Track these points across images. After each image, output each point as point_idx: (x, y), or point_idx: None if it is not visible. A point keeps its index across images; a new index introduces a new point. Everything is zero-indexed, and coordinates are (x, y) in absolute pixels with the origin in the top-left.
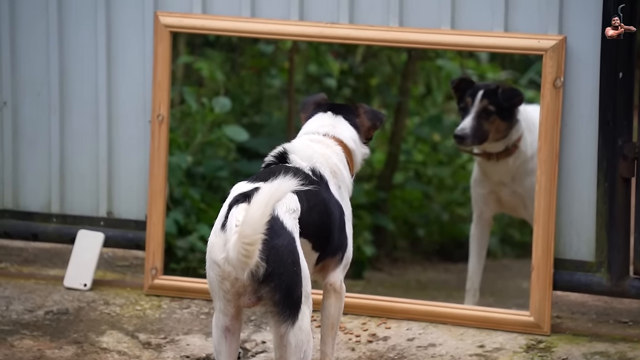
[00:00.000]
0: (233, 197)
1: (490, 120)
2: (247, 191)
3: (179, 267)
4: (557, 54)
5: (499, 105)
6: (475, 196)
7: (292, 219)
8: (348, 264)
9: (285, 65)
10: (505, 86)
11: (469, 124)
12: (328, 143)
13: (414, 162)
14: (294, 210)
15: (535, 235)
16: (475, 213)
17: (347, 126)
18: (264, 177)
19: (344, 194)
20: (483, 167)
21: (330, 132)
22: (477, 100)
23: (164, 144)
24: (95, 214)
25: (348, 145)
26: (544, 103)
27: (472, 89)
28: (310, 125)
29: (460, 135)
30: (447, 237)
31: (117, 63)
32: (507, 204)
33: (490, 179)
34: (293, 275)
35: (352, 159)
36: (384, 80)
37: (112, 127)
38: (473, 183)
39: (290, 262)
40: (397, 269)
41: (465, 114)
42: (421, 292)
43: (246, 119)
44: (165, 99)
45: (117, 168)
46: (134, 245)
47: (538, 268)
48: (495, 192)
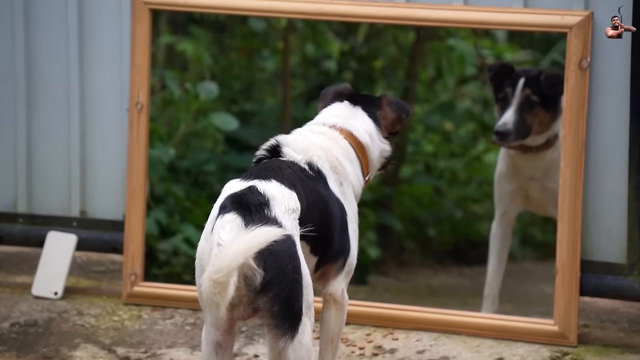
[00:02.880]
0: (223, 199)
1: (533, 112)
2: (238, 193)
3: (161, 272)
4: (583, 31)
5: (542, 94)
6: (500, 192)
7: (291, 220)
8: (351, 270)
9: (279, 46)
10: (548, 72)
11: (511, 118)
12: (331, 135)
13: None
14: (294, 210)
15: (560, 234)
16: (498, 211)
17: (364, 118)
18: (258, 173)
19: (346, 192)
20: (515, 161)
21: (340, 124)
22: (519, 90)
23: (144, 135)
24: (67, 213)
25: (360, 138)
26: (568, 87)
27: (512, 77)
28: (320, 116)
29: (502, 131)
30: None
31: (91, 45)
32: (535, 201)
33: (521, 173)
34: (293, 284)
35: (366, 154)
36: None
37: (85, 117)
38: (498, 177)
39: (291, 269)
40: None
41: (505, 106)
42: (432, 298)
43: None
44: (144, 85)
45: (91, 162)
46: (110, 248)
47: (563, 271)
48: (524, 188)
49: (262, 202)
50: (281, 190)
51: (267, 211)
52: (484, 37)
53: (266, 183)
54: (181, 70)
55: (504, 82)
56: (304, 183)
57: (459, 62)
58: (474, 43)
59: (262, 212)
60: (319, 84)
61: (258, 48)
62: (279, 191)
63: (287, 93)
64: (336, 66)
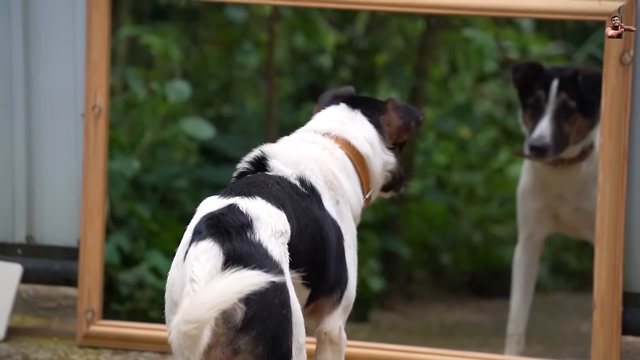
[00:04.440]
0: (198, 220)
1: (571, 120)
2: (215, 213)
3: (123, 308)
4: (625, 19)
5: (580, 97)
6: (524, 211)
7: (279, 245)
8: (349, 305)
9: (262, 38)
10: (585, 70)
11: (548, 130)
12: (325, 144)
13: (435, 166)
14: (282, 233)
15: (598, 261)
16: (522, 234)
17: (364, 124)
18: (240, 189)
19: (343, 212)
20: (542, 175)
21: (335, 131)
22: (553, 95)
23: (102, 145)
24: (11, 239)
25: (359, 148)
26: (607, 85)
27: (542, 78)
28: (312, 122)
29: (539, 146)
30: (480, 266)
31: (38, 38)
32: (567, 222)
33: (549, 190)
34: (281, 321)
35: (367, 167)
36: (394, 57)
37: (31, 124)
38: (522, 194)
39: (278, 304)
40: (414, 308)
41: (538, 113)
42: (446, 338)
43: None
44: (103, 85)
45: (40, 178)
46: (62, 280)
47: (602, 305)
48: (553, 207)
49: (244, 223)
50: (267, 209)
51: (250, 234)
52: (507, 27)
53: (249, 201)
54: (146, 68)
55: (533, 84)
56: (294, 202)
57: (477, 57)
58: (494, 34)
59: (243, 235)
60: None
61: (237, 40)
62: (265, 211)
63: (272, 94)
64: (331, 62)
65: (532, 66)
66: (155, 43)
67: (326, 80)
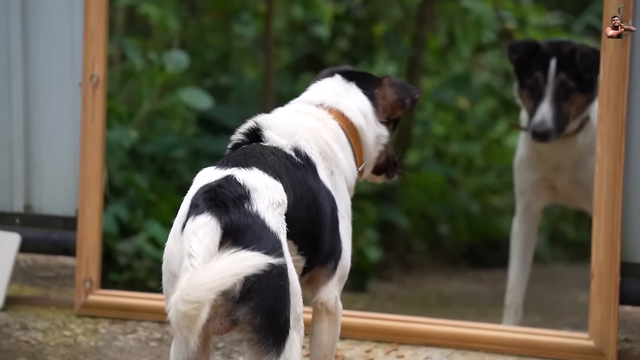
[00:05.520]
0: (195, 192)
1: (570, 99)
2: (212, 185)
3: (121, 278)
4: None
5: (578, 76)
6: (521, 182)
7: (276, 216)
8: (345, 275)
9: (260, 8)
10: (583, 49)
11: (549, 113)
12: (319, 115)
13: (433, 137)
14: (279, 204)
15: (596, 232)
16: (519, 205)
17: (358, 96)
18: (237, 160)
19: (338, 182)
20: (538, 148)
21: (329, 101)
22: (552, 76)
23: (100, 115)
24: (9, 209)
25: (352, 119)
26: (605, 56)
27: (540, 57)
28: (306, 93)
29: (542, 131)
30: (478, 236)
31: (36, 8)
32: (564, 193)
33: (545, 161)
34: (279, 292)
35: (360, 139)
36: (393, 27)
37: (29, 94)
38: (518, 165)
39: (275, 275)
40: (412, 278)
41: (538, 95)
42: (444, 308)
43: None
44: (100, 55)
45: (38, 148)
46: (60, 249)
47: (600, 275)
48: (549, 178)
49: (241, 194)
50: (264, 180)
51: (248, 205)
52: None
53: (246, 172)
54: (144, 38)
55: (530, 64)
56: (290, 173)
57: (476, 27)
58: (493, 4)
59: (241, 207)
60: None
61: (235, 11)
62: (262, 181)
63: (270, 64)
64: (329, 32)
65: (529, 45)
66: (153, 13)
67: (324, 51)
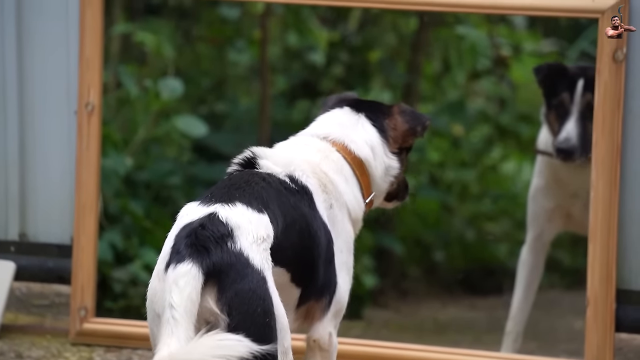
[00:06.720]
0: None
1: None
2: (194, 227)
3: (116, 306)
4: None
5: None
6: (535, 210)
7: (261, 252)
8: (340, 310)
9: (255, 35)
10: None
11: (575, 131)
12: (320, 147)
13: (428, 163)
14: (264, 239)
15: (591, 258)
16: (531, 233)
17: (366, 127)
18: (221, 194)
19: (337, 216)
20: (560, 174)
21: (334, 134)
22: (578, 95)
23: (95, 142)
24: (4, 236)
25: (357, 152)
26: (600, 82)
27: (567, 79)
28: (312, 126)
29: (566, 148)
30: (474, 263)
31: (31, 35)
32: (579, 220)
33: (565, 188)
34: (265, 330)
35: (367, 171)
36: (388, 54)
37: (24, 121)
38: (535, 194)
39: (260, 312)
40: (408, 305)
41: (564, 115)
42: (440, 335)
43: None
44: (96, 82)
45: (33, 175)
46: (55, 277)
47: (595, 302)
48: (565, 205)
49: (224, 233)
50: (247, 215)
51: (231, 244)
52: (500, 24)
53: (229, 208)
54: (139, 65)
55: (556, 85)
56: (281, 196)
57: (470, 54)
58: (487, 31)
59: (224, 246)
60: (304, 79)
61: (230, 38)
62: (246, 217)
63: (265, 91)
64: (324, 59)
65: (552, 67)
66: (148, 40)
67: (319, 77)
